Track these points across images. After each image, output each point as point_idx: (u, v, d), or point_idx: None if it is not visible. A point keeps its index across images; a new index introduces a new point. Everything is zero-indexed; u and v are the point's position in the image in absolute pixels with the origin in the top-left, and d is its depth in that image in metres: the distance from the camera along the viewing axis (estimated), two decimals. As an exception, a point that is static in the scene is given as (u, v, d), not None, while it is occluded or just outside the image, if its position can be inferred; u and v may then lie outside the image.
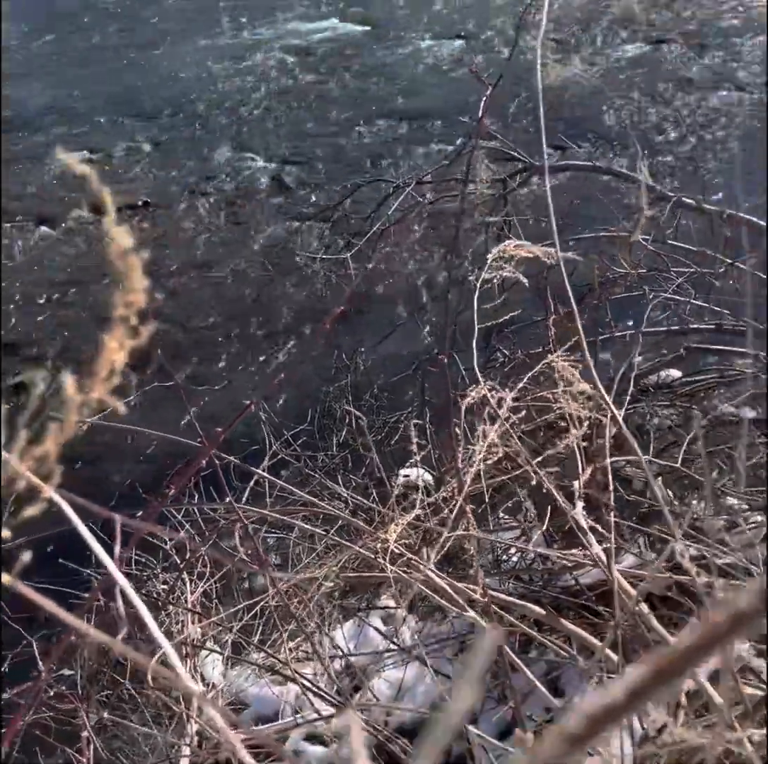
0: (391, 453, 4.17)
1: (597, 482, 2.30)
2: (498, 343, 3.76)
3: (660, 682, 0.33)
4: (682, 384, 4.26)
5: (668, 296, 3.66)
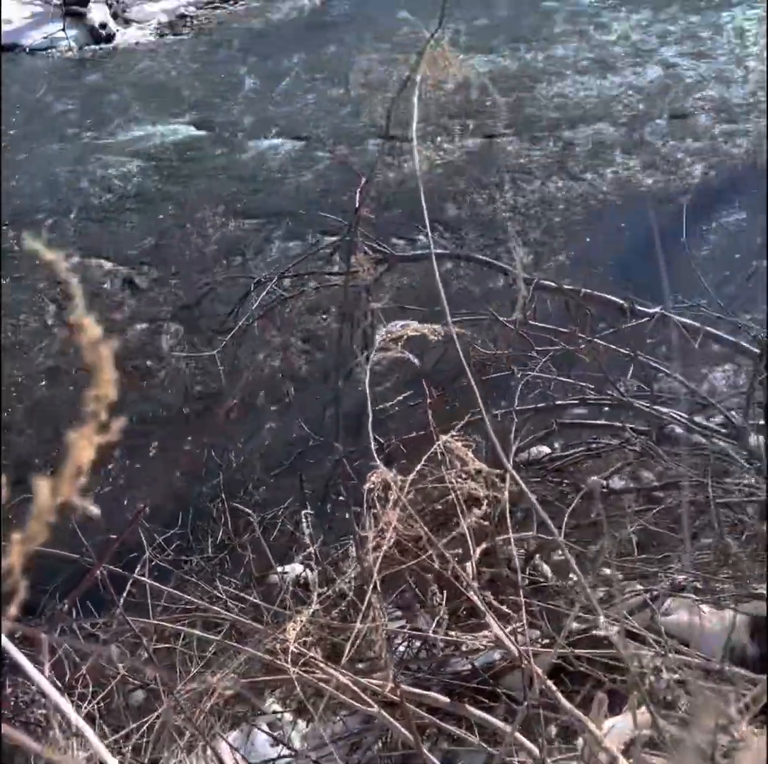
0: (271, 550, 4.08)
1: (497, 561, 2.31)
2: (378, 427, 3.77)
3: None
4: (552, 459, 4.36)
5: (535, 374, 3.76)
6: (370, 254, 3.37)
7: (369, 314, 2.82)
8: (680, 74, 12.30)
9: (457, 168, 8.80)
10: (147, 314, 7.63)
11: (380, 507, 2.12)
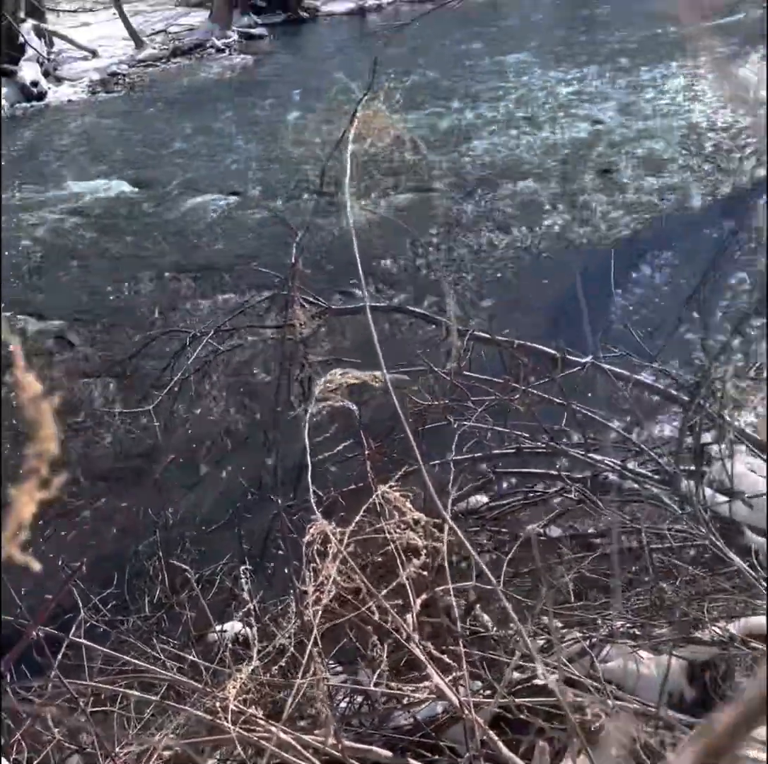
0: (209, 607, 4.02)
1: (437, 612, 2.31)
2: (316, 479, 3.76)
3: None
4: (490, 508, 4.39)
5: (471, 424, 3.80)
6: (307, 307, 3.40)
7: (306, 367, 2.84)
8: (607, 130, 12.67)
9: (391, 222, 8.90)
10: (81, 370, 7.55)
11: (320, 561, 2.12)
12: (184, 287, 8.99)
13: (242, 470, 5.58)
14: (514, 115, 13.73)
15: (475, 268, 8.81)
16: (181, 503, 5.59)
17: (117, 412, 5.95)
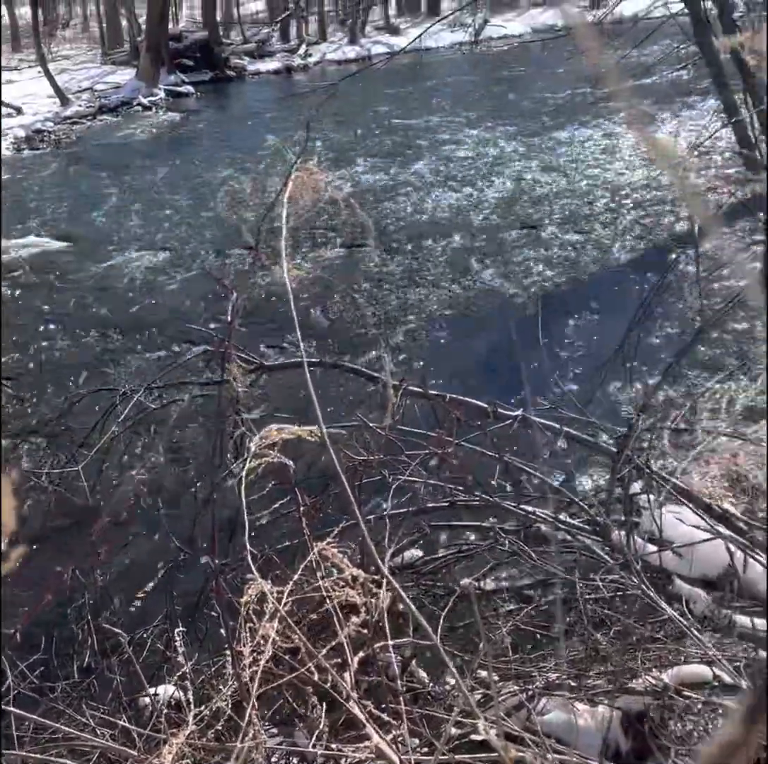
0: (142, 671, 3.93)
1: (375, 669, 2.30)
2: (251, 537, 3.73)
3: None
4: (426, 562, 4.39)
5: (406, 478, 3.81)
6: (241, 363, 3.39)
7: (241, 423, 2.83)
8: (531, 187, 12.99)
9: (324, 278, 8.98)
10: (8, 429, 7.39)
11: (257, 620, 2.10)
12: (114, 343, 8.90)
13: (175, 530, 5.49)
14: (440, 172, 14.00)
15: (406, 323, 8.89)
16: (111, 565, 5.48)
17: (45, 472, 5.83)
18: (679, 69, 13.21)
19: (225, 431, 2.94)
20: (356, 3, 11.60)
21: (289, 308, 1.72)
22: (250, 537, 3.30)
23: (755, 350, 6.97)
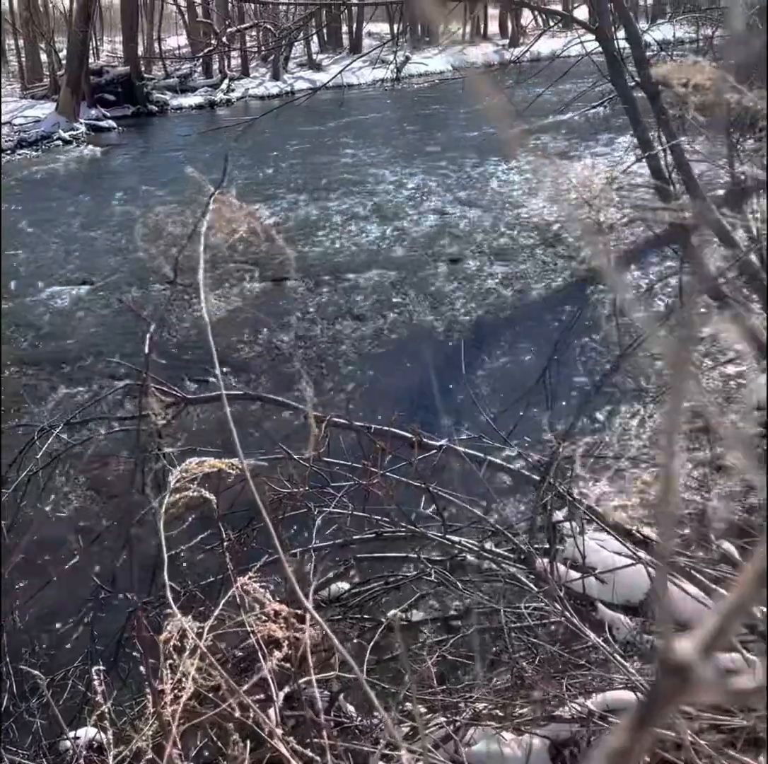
0: (61, 713, 3.82)
1: (300, 704, 2.27)
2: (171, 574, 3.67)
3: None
4: (352, 595, 4.37)
5: (332, 510, 3.80)
6: (161, 397, 3.35)
7: (161, 458, 2.80)
8: (453, 221, 13.15)
9: (246, 311, 8.95)
10: None
11: (178, 657, 2.06)
12: (33, 379, 8.72)
13: (96, 568, 5.38)
14: (364, 207, 14.10)
15: (330, 355, 8.90)
16: (30, 605, 5.33)
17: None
18: (596, 106, 13.56)
19: (145, 466, 2.90)
20: (278, 39, 11.72)
21: (209, 341, 1.70)
22: (176, 574, 3.25)
23: (666, 379, 7.12)
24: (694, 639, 0.31)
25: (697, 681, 0.30)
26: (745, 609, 0.32)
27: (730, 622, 0.32)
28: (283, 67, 29.47)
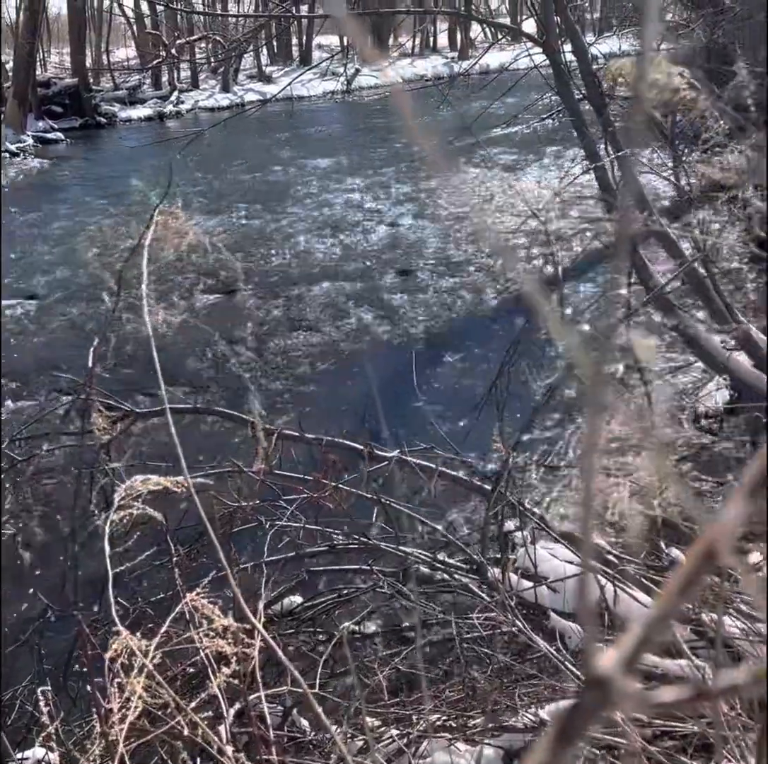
0: (8, 735, 3.74)
1: (251, 721, 2.25)
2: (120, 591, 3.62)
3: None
4: (305, 609, 4.35)
5: (284, 523, 3.78)
6: (107, 412, 3.32)
7: (108, 474, 2.76)
8: (405, 233, 13.19)
9: (195, 324, 8.88)
10: None
11: (125, 676, 2.03)
12: (-23, 395, 8.58)
13: (42, 587, 5.30)
14: (314, 219, 14.10)
15: (281, 367, 8.87)
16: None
17: None
18: (544, 118, 13.69)
19: (92, 482, 2.86)
20: (228, 51, 11.69)
21: (153, 353, 1.69)
22: (126, 591, 3.21)
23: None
24: (615, 651, 0.31)
25: (618, 694, 0.30)
26: (667, 622, 0.31)
27: (652, 634, 0.32)
28: (232, 79, 29.41)
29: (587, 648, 0.31)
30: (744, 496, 0.34)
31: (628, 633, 0.31)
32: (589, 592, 2.63)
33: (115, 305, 2.28)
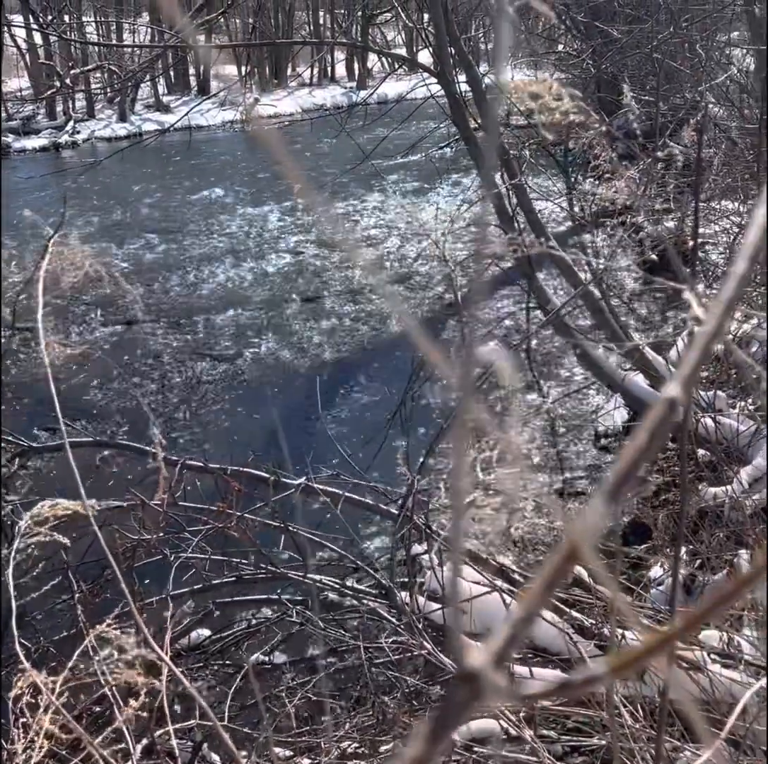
0: None
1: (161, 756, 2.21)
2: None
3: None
4: (213, 641, 4.30)
5: (189, 555, 3.74)
6: (6, 447, 3.24)
7: (6, 507, 2.69)
8: (307, 260, 13.23)
9: (95, 355, 8.73)
10: None
11: (30, 715, 1.98)
12: None
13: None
14: (216, 248, 14.03)
15: (185, 397, 8.78)
16: None
17: None
18: (442, 147, 13.93)
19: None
20: (123, 81, 11.59)
21: (51, 386, 1.67)
22: (26, 631, 3.12)
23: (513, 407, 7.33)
24: (485, 648, 0.34)
25: (488, 688, 0.32)
26: (532, 619, 0.34)
27: (519, 632, 0.34)
28: (129, 108, 29.12)
29: (456, 646, 0.33)
30: (604, 498, 0.36)
31: (497, 632, 0.34)
32: (458, 591, 2.65)
33: (10, 337, 2.24)
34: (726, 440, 5.17)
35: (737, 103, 8.99)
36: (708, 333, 0.41)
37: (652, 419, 0.38)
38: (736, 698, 2.40)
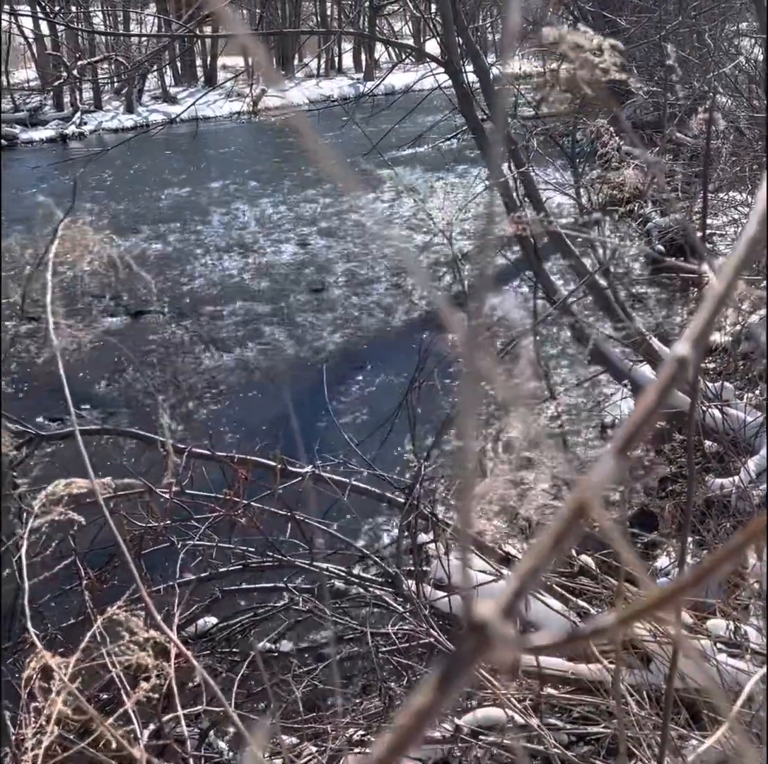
0: None
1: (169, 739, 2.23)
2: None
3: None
4: (221, 629, 4.31)
5: (196, 543, 3.75)
6: (14, 435, 3.25)
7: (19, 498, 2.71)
8: (315, 252, 13.22)
9: (105, 343, 8.75)
10: None
11: (42, 698, 1.99)
12: None
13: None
14: (224, 239, 14.03)
15: (194, 387, 8.79)
16: None
17: None
18: (449, 138, 13.93)
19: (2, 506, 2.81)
20: (131, 71, 11.61)
21: (61, 372, 1.67)
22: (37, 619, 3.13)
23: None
24: (494, 601, 0.34)
25: (497, 638, 0.33)
26: (539, 573, 0.34)
27: (526, 584, 0.34)
28: (137, 99, 29.11)
29: (465, 599, 0.34)
30: (613, 455, 0.37)
31: (506, 584, 0.34)
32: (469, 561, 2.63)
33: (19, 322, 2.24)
34: (733, 430, 5.16)
35: (745, 93, 8.96)
36: (718, 295, 0.41)
37: (662, 377, 0.38)
38: (743, 687, 2.40)
